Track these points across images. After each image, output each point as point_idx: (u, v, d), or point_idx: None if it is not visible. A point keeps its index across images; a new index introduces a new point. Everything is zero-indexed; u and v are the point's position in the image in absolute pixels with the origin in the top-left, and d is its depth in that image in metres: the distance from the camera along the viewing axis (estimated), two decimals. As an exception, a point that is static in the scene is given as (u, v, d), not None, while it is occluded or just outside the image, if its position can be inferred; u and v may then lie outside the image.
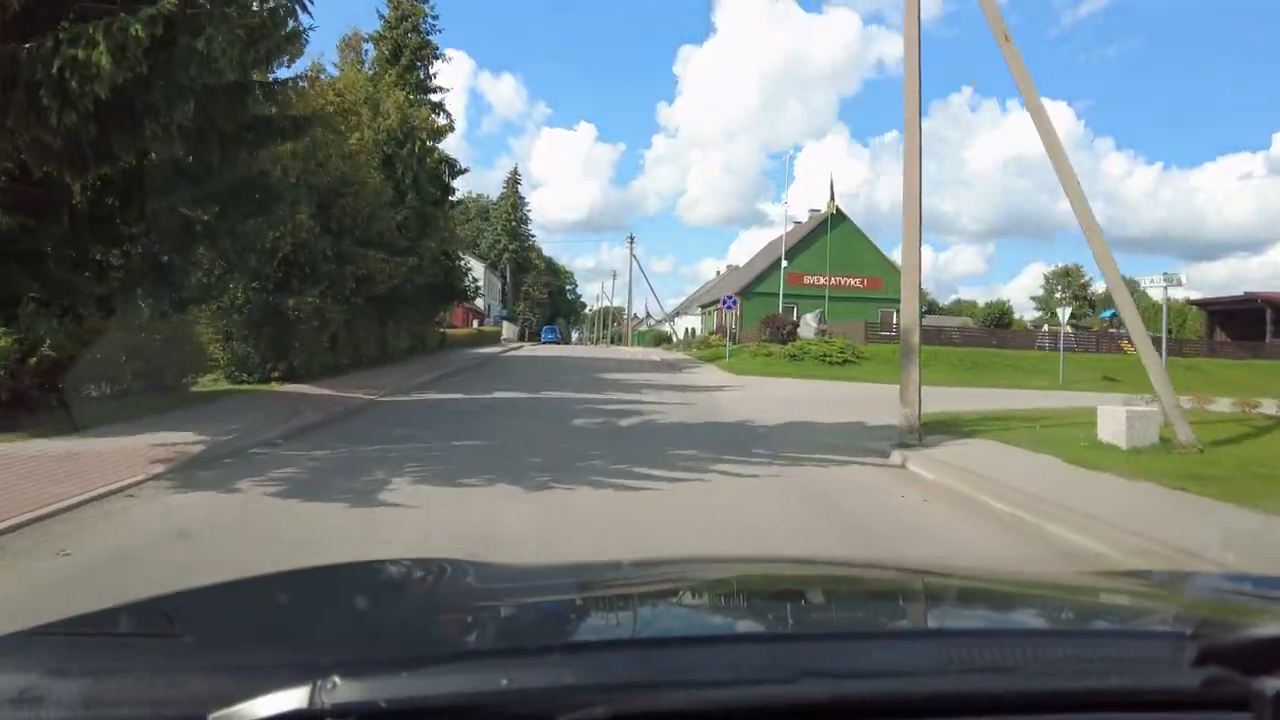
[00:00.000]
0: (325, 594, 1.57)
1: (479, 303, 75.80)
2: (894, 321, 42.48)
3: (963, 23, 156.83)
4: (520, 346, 52.67)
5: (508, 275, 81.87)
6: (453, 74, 65.19)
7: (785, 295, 46.24)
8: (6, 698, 0.85)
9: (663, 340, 59.29)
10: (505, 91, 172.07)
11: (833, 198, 36.46)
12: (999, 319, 69.17)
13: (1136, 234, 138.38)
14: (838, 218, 46.99)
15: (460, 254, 32.62)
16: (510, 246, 79.75)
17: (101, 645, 1.15)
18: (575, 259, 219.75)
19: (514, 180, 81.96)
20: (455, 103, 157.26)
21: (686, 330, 61.90)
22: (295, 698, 0.81)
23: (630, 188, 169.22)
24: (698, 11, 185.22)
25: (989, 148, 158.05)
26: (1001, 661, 0.98)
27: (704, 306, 59.48)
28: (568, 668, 0.93)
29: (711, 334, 47.82)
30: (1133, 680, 0.95)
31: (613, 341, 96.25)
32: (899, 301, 11.91)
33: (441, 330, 34.03)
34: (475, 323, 62.16)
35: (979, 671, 0.95)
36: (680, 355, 39.11)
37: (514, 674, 0.87)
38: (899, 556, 5.46)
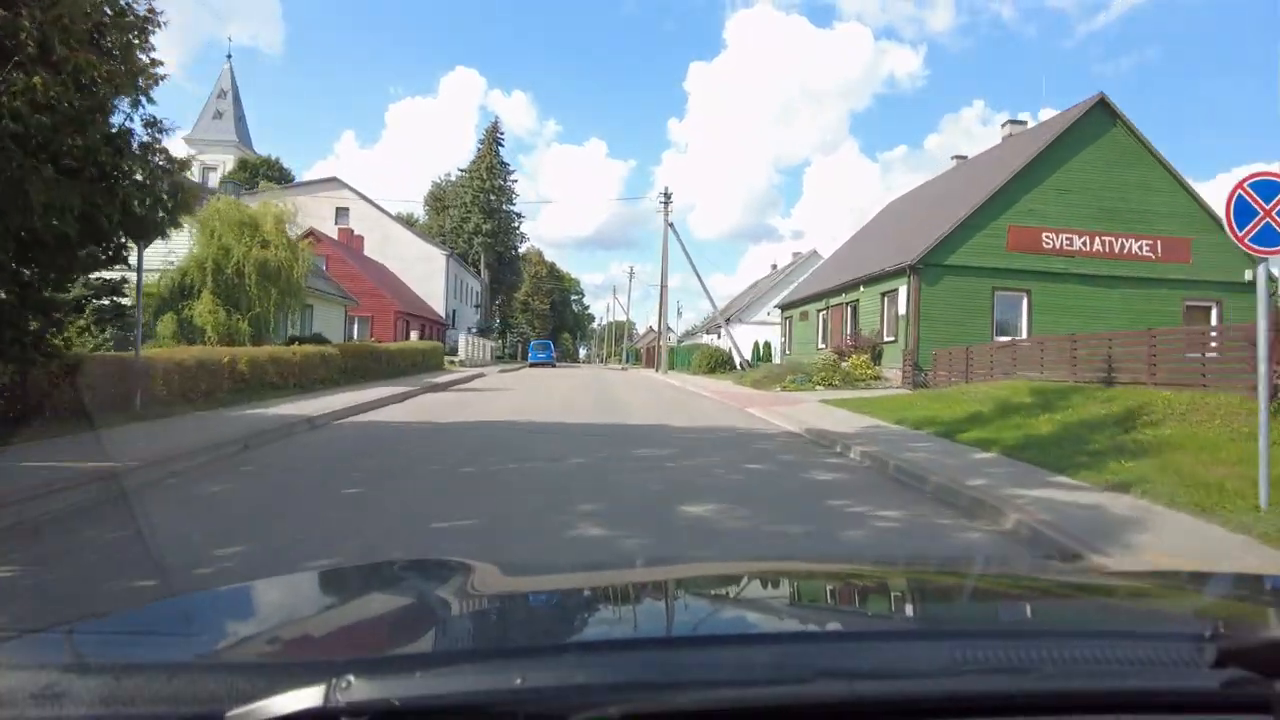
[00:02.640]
0: (340, 594, 1.62)
1: (438, 308, 52.58)
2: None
3: (975, 34, 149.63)
4: (477, 377, 29.20)
5: (483, 270, 58.15)
6: (465, 92, 48.86)
7: (1001, 271, 22.58)
8: (29, 693, 0.85)
9: (720, 361, 35.63)
10: (516, 109, 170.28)
11: None
12: None
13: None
14: (1101, 114, 23.21)
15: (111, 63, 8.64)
16: (485, 228, 55.97)
17: (122, 643, 1.15)
18: (583, 274, 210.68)
19: (493, 138, 58.42)
20: (467, 120, 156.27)
21: (756, 346, 38.23)
22: (311, 696, 0.80)
23: (640, 204, 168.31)
24: (708, 28, 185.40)
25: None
26: (1018, 662, 0.95)
27: (787, 307, 35.88)
28: (581, 667, 0.92)
29: (850, 350, 24.01)
30: (1152, 681, 0.92)
31: (630, 361, 72.50)
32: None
33: (59, 355, 9.54)
34: (415, 334, 38.67)
35: (995, 672, 0.93)
36: (851, 419, 15.37)
37: (527, 673, 0.86)
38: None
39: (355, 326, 39.33)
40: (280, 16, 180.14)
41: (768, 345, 37.76)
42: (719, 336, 51.96)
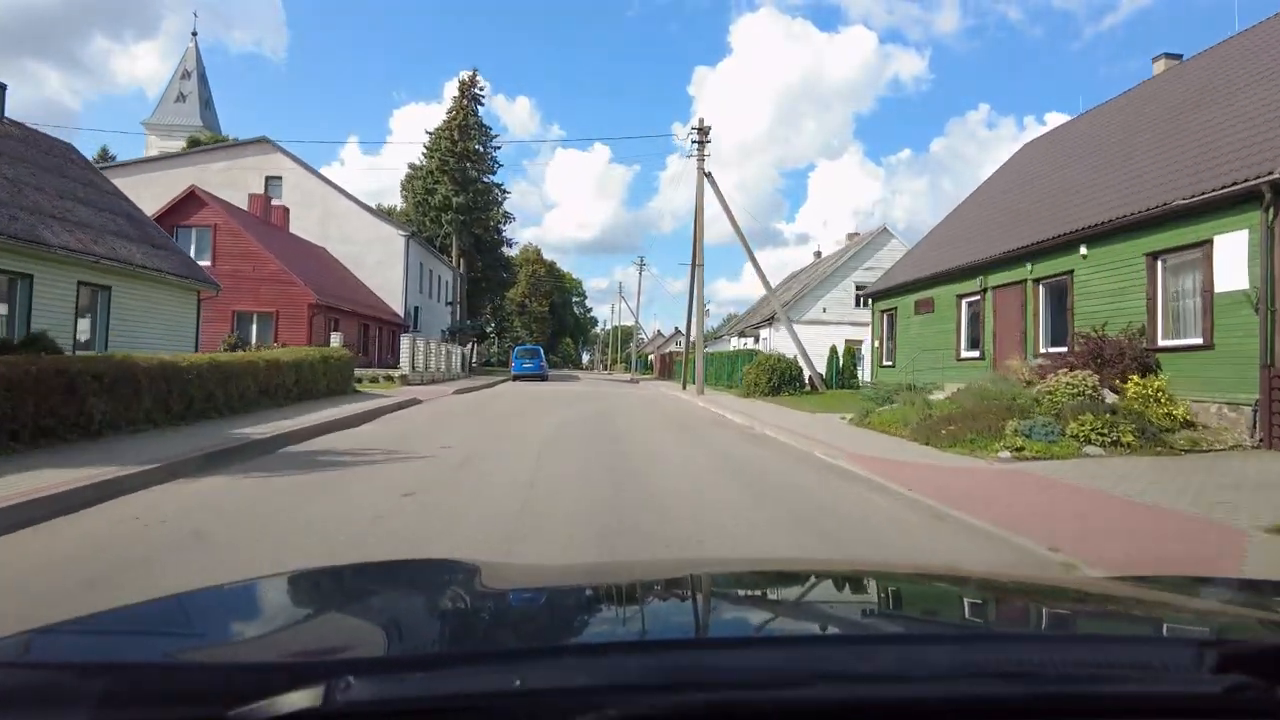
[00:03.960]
0: (340, 593, 1.57)
1: (395, 304, 40.91)
2: None
3: (982, 36, 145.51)
4: (393, 410, 17.54)
5: (456, 255, 46.28)
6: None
7: None
8: (27, 695, 0.84)
9: (786, 377, 23.78)
10: (519, 114, 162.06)
11: None
12: None
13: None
14: None
15: None
16: (457, 201, 44.11)
17: (121, 643, 1.13)
18: (586, 278, 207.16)
19: (468, 93, 46.66)
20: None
21: (833, 352, 26.51)
22: (311, 696, 0.79)
23: (645, 208, 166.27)
24: (713, 32, 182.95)
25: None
26: (1019, 666, 0.95)
27: (882, 295, 24.10)
28: (581, 669, 0.92)
29: (1089, 363, 12.28)
30: (1154, 686, 0.91)
31: (639, 370, 60.91)
32: None
33: None
34: (338, 337, 26.89)
35: (996, 676, 0.92)
36: None
37: (527, 674, 0.86)
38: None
39: (254, 326, 27.71)
40: (284, 22, 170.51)
41: (849, 352, 26.10)
42: (755, 340, 40.21)
